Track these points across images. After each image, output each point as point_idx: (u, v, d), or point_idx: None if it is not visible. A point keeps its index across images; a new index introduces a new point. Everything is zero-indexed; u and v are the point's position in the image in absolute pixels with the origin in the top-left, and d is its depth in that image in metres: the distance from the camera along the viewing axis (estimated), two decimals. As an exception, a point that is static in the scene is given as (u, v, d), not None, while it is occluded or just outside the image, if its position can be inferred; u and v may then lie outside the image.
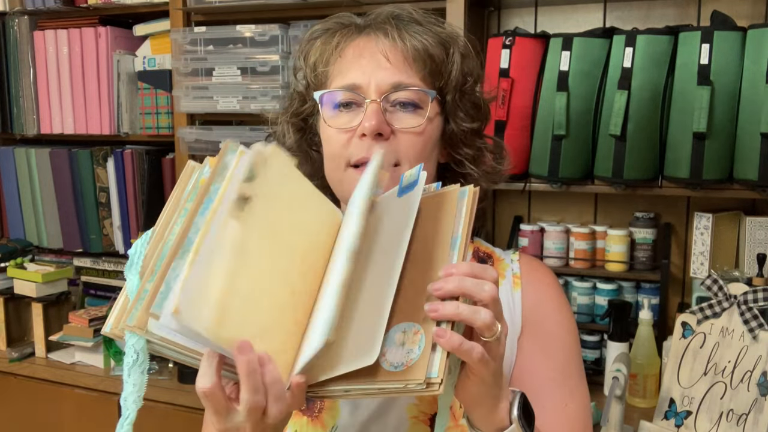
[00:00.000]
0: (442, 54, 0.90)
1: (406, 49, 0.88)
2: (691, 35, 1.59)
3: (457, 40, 0.93)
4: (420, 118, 0.88)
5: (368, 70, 0.88)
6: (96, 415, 1.98)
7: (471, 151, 0.94)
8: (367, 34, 0.90)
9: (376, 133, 0.86)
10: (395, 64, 0.88)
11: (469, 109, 0.93)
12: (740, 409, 1.43)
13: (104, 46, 2.23)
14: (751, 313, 1.45)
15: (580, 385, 0.94)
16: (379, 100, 0.87)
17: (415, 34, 0.89)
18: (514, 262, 0.98)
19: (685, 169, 1.60)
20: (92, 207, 2.33)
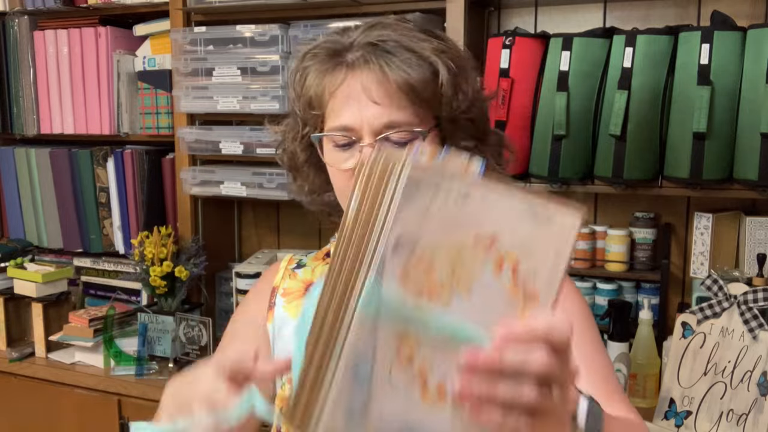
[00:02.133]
0: (428, 78, 0.87)
1: (390, 84, 0.86)
2: (691, 35, 1.59)
3: (443, 53, 0.89)
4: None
5: (358, 110, 0.87)
6: (96, 415, 1.98)
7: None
8: (353, 69, 0.88)
9: None
10: (383, 102, 0.86)
11: (466, 127, 0.91)
12: (740, 409, 1.43)
13: (104, 46, 2.23)
14: (751, 313, 1.45)
15: (599, 350, 0.94)
16: (373, 141, 0.87)
17: (400, 64, 0.86)
18: None
19: (685, 169, 1.60)
20: (92, 207, 2.33)
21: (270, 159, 2.06)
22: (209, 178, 2.09)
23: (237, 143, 2.04)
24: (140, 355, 1.98)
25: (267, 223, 2.39)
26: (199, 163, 2.18)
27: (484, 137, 0.94)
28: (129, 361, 1.98)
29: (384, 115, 0.86)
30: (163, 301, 2.10)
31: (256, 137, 2.02)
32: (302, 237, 2.32)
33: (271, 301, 1.08)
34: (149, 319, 2.04)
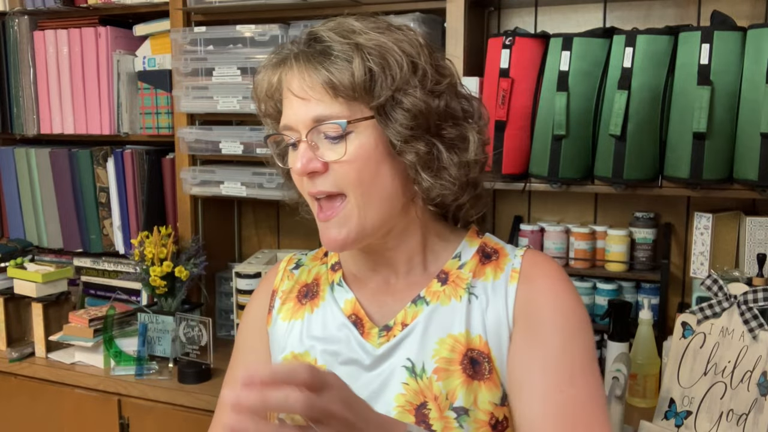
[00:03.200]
0: (351, 76, 0.86)
1: (313, 82, 0.88)
2: (691, 35, 1.59)
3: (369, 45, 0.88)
4: (342, 147, 0.88)
5: (293, 108, 0.90)
6: (96, 415, 1.98)
7: (416, 158, 0.90)
8: (290, 67, 0.91)
9: (307, 174, 0.90)
10: (313, 95, 0.88)
11: (402, 117, 0.88)
12: (740, 409, 1.43)
13: (104, 46, 2.23)
14: (751, 313, 1.45)
15: (586, 372, 0.91)
16: (305, 138, 0.89)
17: (322, 61, 0.87)
18: (517, 257, 0.98)
19: (685, 169, 1.60)
20: (92, 207, 2.33)
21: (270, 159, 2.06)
22: (209, 178, 2.09)
23: (237, 143, 2.04)
24: (140, 355, 1.98)
25: (267, 223, 2.39)
26: (199, 163, 2.18)
27: (435, 130, 0.91)
28: (129, 361, 1.98)
29: (312, 109, 0.88)
30: (163, 301, 2.10)
31: (256, 137, 2.02)
32: (302, 237, 2.32)
33: (270, 304, 1.08)
34: (149, 319, 2.04)
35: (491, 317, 0.94)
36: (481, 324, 0.94)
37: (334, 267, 1.04)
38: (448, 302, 0.95)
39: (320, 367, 0.94)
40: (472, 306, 0.95)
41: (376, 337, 0.96)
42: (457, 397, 0.91)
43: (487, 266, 0.98)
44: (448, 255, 0.99)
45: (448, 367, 0.92)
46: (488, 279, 0.97)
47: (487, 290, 0.96)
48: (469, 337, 0.93)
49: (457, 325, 0.94)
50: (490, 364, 0.92)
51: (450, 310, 0.95)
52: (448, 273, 0.98)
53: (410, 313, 0.96)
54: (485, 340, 0.93)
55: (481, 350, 0.93)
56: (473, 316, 0.94)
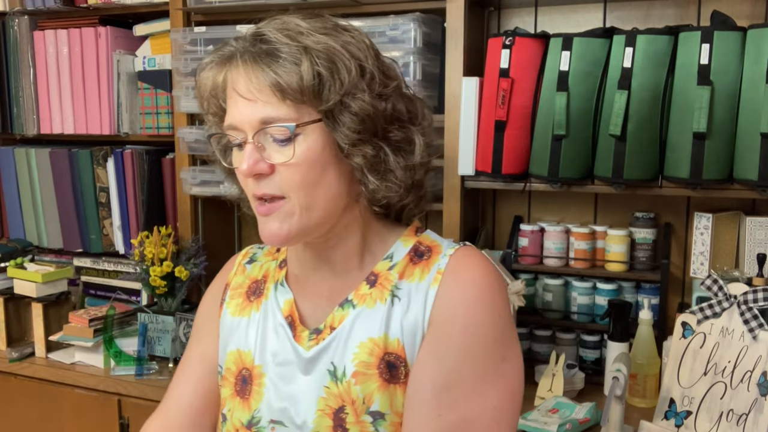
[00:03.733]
0: (299, 79, 0.85)
1: (260, 83, 0.86)
2: (691, 35, 1.59)
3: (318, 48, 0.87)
4: (290, 150, 0.87)
5: (239, 108, 0.88)
6: (96, 415, 1.98)
7: (364, 161, 0.89)
8: (236, 67, 0.89)
9: (253, 175, 0.88)
10: (260, 97, 0.87)
11: (350, 121, 0.87)
12: (740, 409, 1.43)
13: (104, 46, 2.23)
14: (751, 313, 1.45)
15: (476, 393, 0.88)
16: (251, 140, 0.88)
17: (270, 62, 0.86)
18: (445, 257, 0.94)
19: (685, 169, 1.60)
20: (92, 207, 2.33)
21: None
22: (209, 178, 2.09)
23: (237, 143, 2.04)
24: (140, 355, 1.98)
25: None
26: (199, 163, 2.18)
27: (382, 133, 0.90)
28: (129, 361, 1.98)
29: (259, 110, 0.87)
30: (163, 301, 2.10)
31: (256, 137, 2.01)
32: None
33: (222, 296, 1.08)
34: (149, 319, 2.04)
35: (409, 321, 0.91)
36: (399, 327, 0.92)
37: (281, 264, 1.04)
38: (373, 305, 0.94)
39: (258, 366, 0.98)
40: (394, 309, 0.93)
41: (306, 339, 0.95)
42: (373, 401, 0.91)
43: (417, 266, 0.95)
44: (380, 256, 0.98)
45: (366, 371, 0.91)
46: (414, 280, 0.94)
47: (410, 292, 0.93)
48: (387, 341, 0.91)
49: (377, 328, 0.92)
50: (406, 368, 0.91)
51: (373, 314, 0.93)
52: (377, 275, 0.96)
53: (338, 316, 0.95)
54: (402, 344, 0.91)
55: (398, 354, 0.91)
56: (393, 319, 0.92)
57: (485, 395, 0.88)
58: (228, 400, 1.01)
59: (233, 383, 1.01)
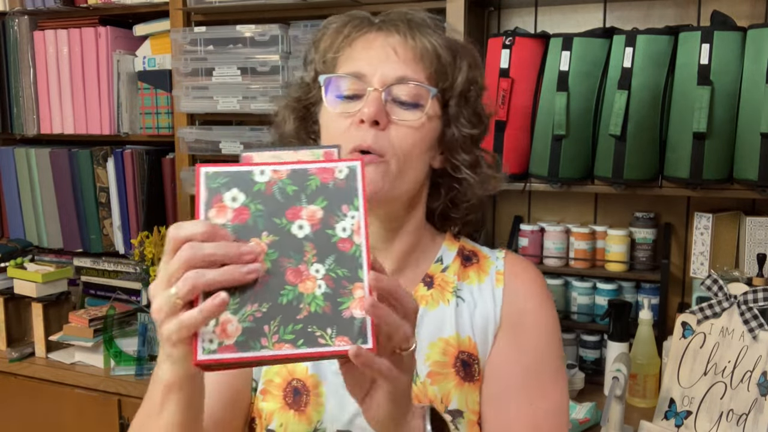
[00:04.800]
0: (449, 57, 0.92)
1: (415, 47, 0.90)
2: (691, 35, 1.59)
3: (465, 49, 0.97)
4: (419, 113, 0.90)
5: (375, 61, 0.90)
6: (96, 415, 1.98)
7: (468, 158, 0.96)
8: (379, 29, 0.93)
9: (373, 121, 0.87)
10: (402, 59, 0.90)
11: (470, 116, 0.94)
12: (740, 409, 1.43)
13: (104, 46, 2.23)
14: (751, 313, 1.45)
15: (555, 385, 0.94)
16: (381, 90, 0.88)
17: (425, 34, 0.91)
18: (500, 260, 0.99)
19: (685, 169, 1.60)
20: (92, 207, 2.33)
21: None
22: (209, 178, 2.09)
23: (237, 143, 2.04)
24: (140, 355, 1.98)
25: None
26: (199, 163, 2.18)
27: (482, 136, 0.99)
28: (129, 361, 1.98)
29: (400, 69, 0.89)
30: (163, 301, 2.10)
31: (256, 137, 2.02)
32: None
33: None
34: (149, 319, 2.03)
35: (479, 319, 0.95)
36: (470, 326, 0.95)
37: None
38: (436, 306, 0.95)
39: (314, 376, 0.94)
40: (461, 309, 0.95)
41: None
42: (451, 399, 0.91)
43: (469, 269, 0.99)
44: (431, 258, 1.00)
45: (441, 371, 0.92)
46: (473, 282, 0.98)
47: (473, 293, 0.97)
48: (459, 339, 0.94)
49: (447, 328, 0.94)
50: (479, 365, 0.93)
51: (439, 314, 0.95)
52: (432, 276, 0.98)
53: None
54: (474, 341, 0.94)
55: (471, 352, 0.94)
56: (462, 319, 0.95)
57: (560, 384, 0.95)
58: (277, 414, 0.94)
59: (281, 396, 0.95)
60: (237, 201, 0.66)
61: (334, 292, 0.65)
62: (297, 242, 0.65)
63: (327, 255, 0.65)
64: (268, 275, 0.64)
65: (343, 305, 0.64)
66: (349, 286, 0.65)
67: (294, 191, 0.66)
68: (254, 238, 0.65)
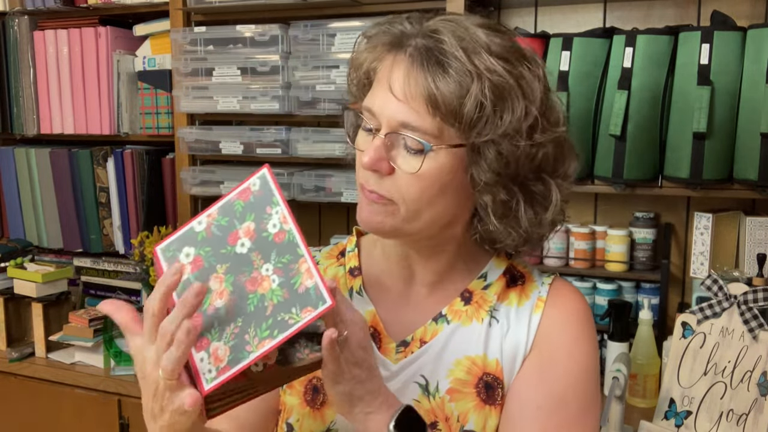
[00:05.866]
0: (456, 99, 0.80)
1: (423, 88, 0.80)
2: (691, 35, 1.59)
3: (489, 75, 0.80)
4: (418, 162, 0.82)
5: (384, 100, 0.84)
6: (96, 415, 1.98)
7: (493, 204, 0.85)
8: (401, 59, 0.83)
9: (372, 169, 0.84)
10: (410, 101, 0.81)
11: (492, 160, 0.82)
12: (740, 409, 1.43)
13: (104, 46, 2.23)
14: (751, 313, 1.45)
15: (580, 420, 0.89)
16: (383, 136, 0.84)
17: (436, 70, 0.80)
18: (544, 285, 0.95)
19: (685, 169, 1.60)
20: (92, 207, 2.33)
21: (270, 159, 2.06)
22: (209, 178, 2.09)
23: (237, 143, 2.04)
24: (140, 355, 1.98)
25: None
26: (199, 163, 2.18)
27: (521, 180, 0.86)
28: (129, 361, 1.98)
29: (403, 113, 0.82)
30: (163, 301, 2.10)
31: (256, 137, 2.02)
32: (302, 237, 2.31)
33: None
34: (149, 319, 2.03)
35: (509, 343, 0.91)
36: (499, 349, 0.91)
37: (353, 272, 0.99)
38: (469, 323, 0.93)
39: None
40: (492, 329, 0.92)
41: (393, 352, 0.93)
42: (468, 420, 0.89)
43: (512, 290, 0.95)
44: (475, 274, 0.96)
45: (462, 389, 0.90)
46: (512, 304, 0.94)
47: (509, 315, 0.93)
48: (486, 361, 0.91)
49: (474, 347, 0.91)
50: (503, 390, 0.91)
51: (470, 332, 0.92)
52: (472, 293, 0.94)
53: (430, 330, 0.93)
54: (501, 365, 0.91)
55: (496, 375, 0.91)
56: (492, 340, 0.92)
57: (586, 425, 0.90)
58: (296, 410, 0.95)
59: (302, 392, 0.95)
60: (190, 256, 0.76)
61: (286, 278, 0.72)
62: (244, 258, 0.74)
63: (269, 252, 0.74)
64: (233, 297, 0.73)
65: (296, 284, 0.72)
66: (295, 266, 0.73)
67: (227, 221, 0.76)
68: (213, 275, 0.74)
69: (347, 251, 1.02)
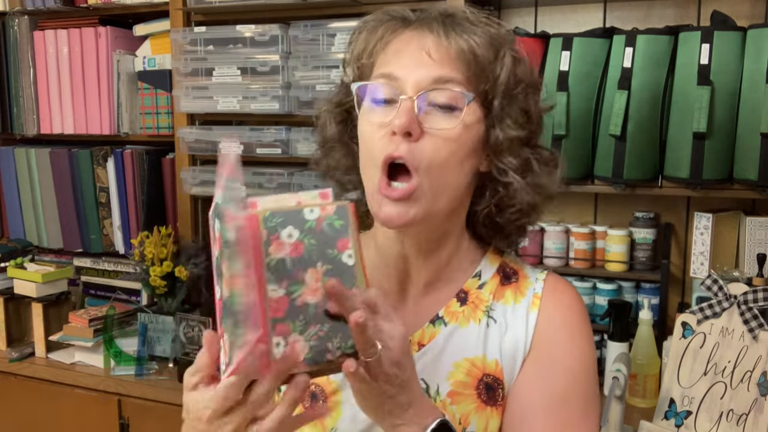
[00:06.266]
0: (490, 55, 0.86)
1: (450, 47, 0.84)
2: (691, 35, 1.59)
3: (510, 43, 0.90)
4: (455, 120, 0.84)
5: (409, 64, 0.85)
6: (96, 415, 1.98)
7: (516, 161, 0.89)
8: (414, 29, 0.87)
9: (404, 132, 0.83)
10: (438, 61, 0.84)
11: (517, 116, 0.87)
12: (740, 409, 1.43)
13: (104, 46, 2.23)
14: (751, 313, 1.45)
15: (582, 418, 0.89)
16: (414, 97, 0.83)
17: (462, 32, 0.85)
18: (539, 281, 0.94)
19: (685, 169, 1.60)
20: (92, 207, 2.33)
21: (270, 159, 2.07)
22: (209, 178, 2.09)
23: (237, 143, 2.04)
24: (140, 355, 1.98)
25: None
26: (199, 163, 2.18)
27: (533, 136, 0.92)
28: (129, 361, 1.98)
29: (435, 70, 0.83)
30: (163, 301, 2.10)
31: (256, 137, 2.02)
32: (302, 237, 2.31)
33: None
34: (149, 319, 2.04)
35: (509, 342, 0.91)
36: (498, 349, 0.91)
37: None
38: (466, 324, 0.92)
39: (334, 383, 0.93)
40: (490, 330, 0.92)
41: None
42: (470, 422, 0.89)
43: (506, 288, 0.95)
44: (469, 273, 0.96)
45: (463, 391, 0.90)
46: (508, 302, 0.93)
47: (506, 314, 0.93)
48: (485, 362, 0.91)
49: (473, 348, 0.91)
50: (503, 390, 0.91)
51: (468, 333, 0.92)
52: (467, 293, 0.94)
53: (428, 333, 0.92)
54: (501, 365, 0.91)
55: (496, 376, 0.91)
56: (491, 340, 0.91)
57: (589, 420, 0.90)
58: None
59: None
60: (292, 237, 0.73)
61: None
62: (348, 269, 0.73)
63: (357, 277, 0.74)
64: (326, 300, 0.72)
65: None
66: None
67: (341, 225, 0.73)
68: (311, 268, 0.72)
69: None
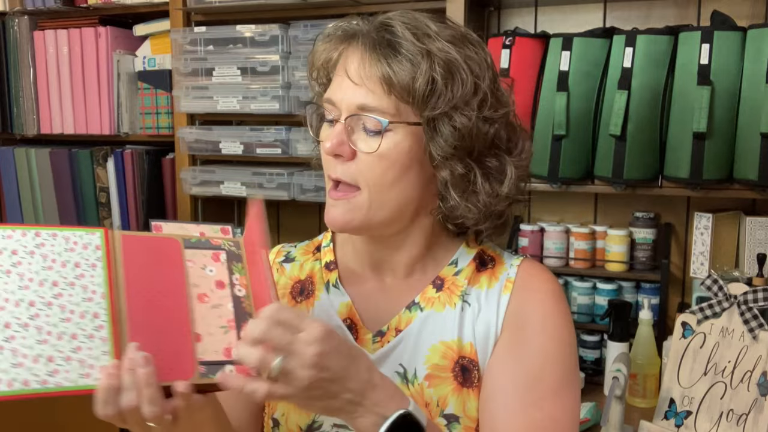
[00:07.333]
0: (411, 74, 0.85)
1: (377, 69, 0.86)
2: (691, 35, 1.59)
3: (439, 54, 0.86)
4: (376, 142, 0.87)
5: (342, 87, 0.89)
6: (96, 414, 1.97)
7: (446, 174, 0.89)
8: (354, 48, 0.89)
9: (333, 154, 0.89)
10: (366, 84, 0.87)
11: (448, 134, 0.87)
12: (740, 409, 1.43)
13: (104, 46, 2.23)
14: (751, 313, 1.45)
15: (556, 398, 0.90)
16: (344, 121, 0.88)
17: (386, 56, 0.86)
18: (513, 267, 0.97)
19: (685, 169, 1.60)
20: (92, 207, 2.33)
21: (270, 159, 2.07)
22: (209, 178, 2.09)
23: (237, 143, 2.04)
24: (140, 355, 1.98)
25: (267, 223, 2.39)
26: (199, 163, 2.18)
27: (477, 156, 0.90)
28: (129, 361, 1.98)
29: (359, 96, 0.87)
30: (163, 301, 2.10)
31: (256, 137, 2.02)
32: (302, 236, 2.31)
33: None
34: (149, 319, 2.03)
35: (482, 325, 0.93)
36: (472, 332, 0.93)
37: (329, 266, 1.02)
38: (442, 309, 0.95)
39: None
40: (465, 313, 0.94)
41: (370, 342, 0.95)
42: (447, 404, 0.91)
43: (482, 274, 0.97)
44: (444, 262, 0.98)
45: (440, 374, 0.92)
46: (482, 287, 0.96)
47: (480, 298, 0.95)
48: (461, 345, 0.93)
49: (449, 332, 0.93)
50: (479, 372, 0.92)
51: (443, 317, 0.94)
52: (443, 279, 0.97)
53: (404, 318, 0.95)
54: (475, 348, 0.93)
55: (471, 358, 0.93)
56: (465, 324, 0.94)
57: (565, 398, 0.91)
58: (281, 404, 0.98)
59: None
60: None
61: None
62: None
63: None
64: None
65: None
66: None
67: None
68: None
69: (323, 246, 1.06)
